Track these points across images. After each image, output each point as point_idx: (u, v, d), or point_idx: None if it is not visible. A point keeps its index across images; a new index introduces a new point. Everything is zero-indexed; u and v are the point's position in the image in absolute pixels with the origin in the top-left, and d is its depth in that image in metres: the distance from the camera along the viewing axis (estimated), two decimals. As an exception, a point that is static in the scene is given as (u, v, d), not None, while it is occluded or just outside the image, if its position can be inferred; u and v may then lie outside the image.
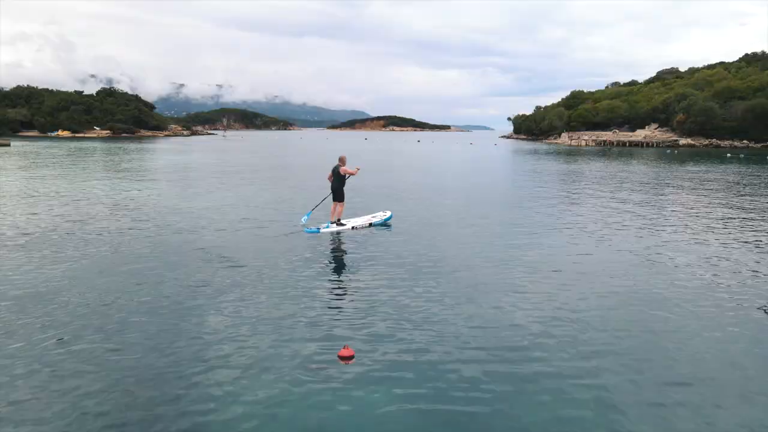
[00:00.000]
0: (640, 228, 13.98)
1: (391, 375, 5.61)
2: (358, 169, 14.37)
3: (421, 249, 11.43)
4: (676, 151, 63.44)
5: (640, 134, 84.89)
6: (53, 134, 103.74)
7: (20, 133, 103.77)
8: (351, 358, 5.78)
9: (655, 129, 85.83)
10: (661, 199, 19.95)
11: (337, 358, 5.80)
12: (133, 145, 66.75)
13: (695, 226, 14.36)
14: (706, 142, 74.81)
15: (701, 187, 24.31)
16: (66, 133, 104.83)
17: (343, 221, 13.75)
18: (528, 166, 40.32)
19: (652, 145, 77.07)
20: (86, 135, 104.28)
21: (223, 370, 5.67)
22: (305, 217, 13.74)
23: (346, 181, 13.93)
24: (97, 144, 69.64)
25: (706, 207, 17.89)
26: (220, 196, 19.53)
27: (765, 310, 7.75)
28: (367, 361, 5.89)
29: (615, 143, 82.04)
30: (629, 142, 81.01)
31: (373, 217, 14.54)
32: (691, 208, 17.61)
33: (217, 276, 9.19)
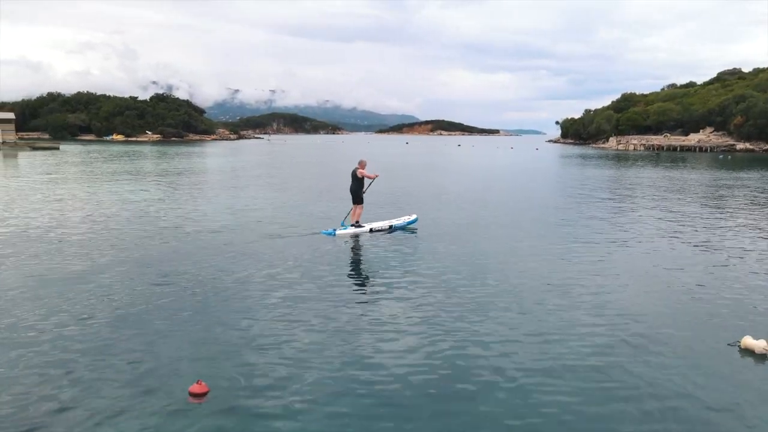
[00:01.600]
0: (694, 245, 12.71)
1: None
2: (377, 176, 14.08)
3: (429, 252, 11.25)
4: (729, 156, 59.32)
5: (693, 138, 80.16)
6: (108, 138, 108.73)
7: (78, 137, 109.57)
8: (203, 395, 5.12)
9: (710, 133, 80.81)
10: (712, 212, 18.32)
11: (189, 396, 5.16)
12: (174, 149, 68.86)
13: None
14: (767, 147, 69.72)
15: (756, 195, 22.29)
16: (120, 137, 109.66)
17: (362, 224, 13.60)
18: (557, 171, 38.60)
19: (706, 150, 72.58)
20: (138, 139, 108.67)
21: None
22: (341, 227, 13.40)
23: (365, 183, 13.78)
24: (142, 147, 72.35)
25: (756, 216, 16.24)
26: (225, 199, 19.46)
27: None
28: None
29: (665, 147, 77.82)
30: (681, 146, 76.64)
31: (396, 220, 14.14)
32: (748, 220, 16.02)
33: (224, 277, 9.13)
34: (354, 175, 13.78)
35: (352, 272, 10.10)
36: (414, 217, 14.43)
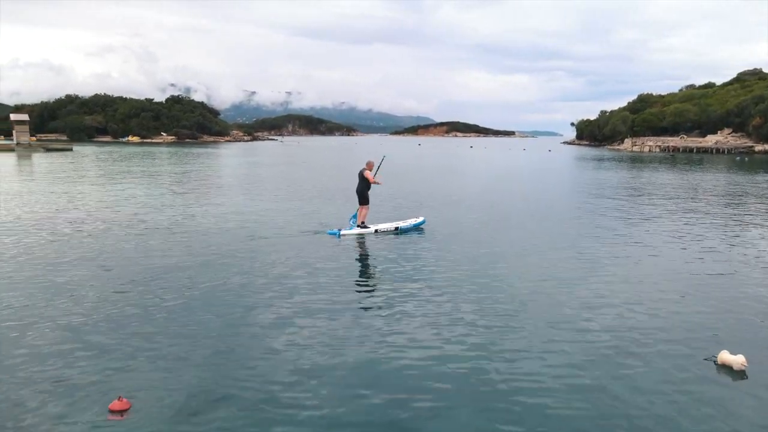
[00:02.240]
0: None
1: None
2: (379, 184, 14.12)
3: (438, 254, 11.19)
4: (746, 158, 57.92)
5: (710, 139, 78.50)
6: (124, 140, 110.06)
7: (95, 138, 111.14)
8: (123, 412, 4.86)
9: (728, 134, 79.08)
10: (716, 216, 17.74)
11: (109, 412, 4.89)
12: (185, 150, 69.37)
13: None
14: (787, 148, 68.04)
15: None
16: (136, 139, 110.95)
17: (368, 224, 13.54)
18: (560, 173, 37.96)
19: (724, 152, 70.99)
20: (153, 140, 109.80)
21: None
22: (350, 224, 13.52)
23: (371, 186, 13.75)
24: (154, 149, 72.97)
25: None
26: (227, 200, 19.37)
27: None
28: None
29: (681, 149, 76.31)
30: (698, 148, 75.07)
31: (403, 222, 14.01)
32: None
33: (231, 278, 9.11)
34: (361, 175, 13.70)
35: (352, 273, 9.98)
36: (421, 219, 14.28)
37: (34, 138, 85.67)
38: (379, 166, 14.10)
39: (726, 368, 5.87)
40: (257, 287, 8.63)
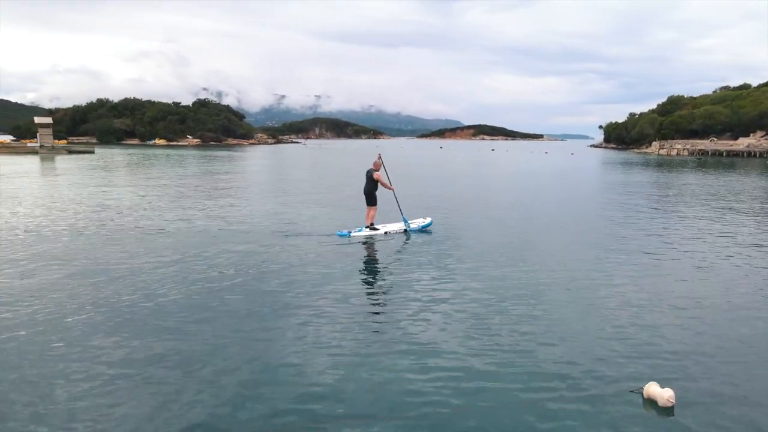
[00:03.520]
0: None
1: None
2: (391, 189, 13.79)
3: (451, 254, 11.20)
4: (778, 163, 55.30)
5: (742, 142, 75.36)
6: (151, 142, 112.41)
7: (123, 141, 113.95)
8: None
9: (761, 137, 75.78)
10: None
11: None
12: (207, 152, 70.18)
13: None
14: (825, 151, 64.76)
15: None
16: (162, 142, 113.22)
17: (377, 226, 13.47)
18: (564, 177, 36.73)
19: (755, 155, 68.01)
20: (179, 143, 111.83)
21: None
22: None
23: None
24: (178, 151, 74.07)
25: None
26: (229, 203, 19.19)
27: None
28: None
29: (710, 152, 73.45)
30: (728, 151, 72.13)
31: (411, 222, 14.01)
32: None
33: (244, 281, 9.03)
34: (369, 176, 13.49)
35: (364, 274, 10.02)
36: (429, 220, 14.32)
37: (64, 141, 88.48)
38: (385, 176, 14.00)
39: (652, 402, 5.16)
40: (265, 291, 8.48)
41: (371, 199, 13.47)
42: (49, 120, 60.80)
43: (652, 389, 5.25)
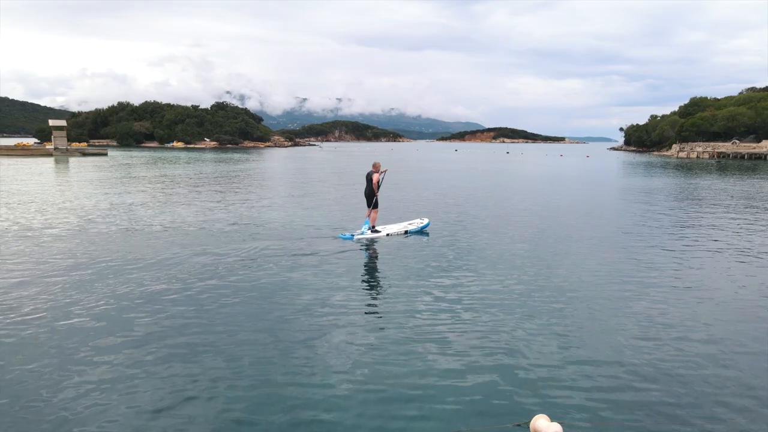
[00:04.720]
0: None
1: None
2: (376, 195, 13.72)
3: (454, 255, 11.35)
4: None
5: (765, 145, 72.96)
6: (169, 145, 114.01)
7: (143, 144, 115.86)
8: None
9: (786, 139, 73.33)
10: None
11: None
12: (220, 155, 70.66)
13: None
14: None
15: None
16: (180, 144, 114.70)
17: (378, 228, 13.57)
18: (566, 181, 35.79)
19: (779, 159, 65.72)
20: (196, 146, 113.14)
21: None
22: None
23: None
24: (193, 154, 74.81)
25: None
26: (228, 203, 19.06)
27: None
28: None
29: (730, 155, 71.22)
30: (750, 154, 69.82)
31: (410, 224, 14.29)
32: None
33: (242, 280, 9.13)
34: (369, 178, 13.57)
35: (368, 275, 10.04)
36: (426, 221, 14.56)
37: (84, 144, 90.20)
38: (382, 179, 13.86)
39: (537, 438, 4.64)
40: (267, 292, 8.48)
41: (371, 201, 13.52)
42: (63, 123, 61.94)
43: (539, 423, 4.72)
